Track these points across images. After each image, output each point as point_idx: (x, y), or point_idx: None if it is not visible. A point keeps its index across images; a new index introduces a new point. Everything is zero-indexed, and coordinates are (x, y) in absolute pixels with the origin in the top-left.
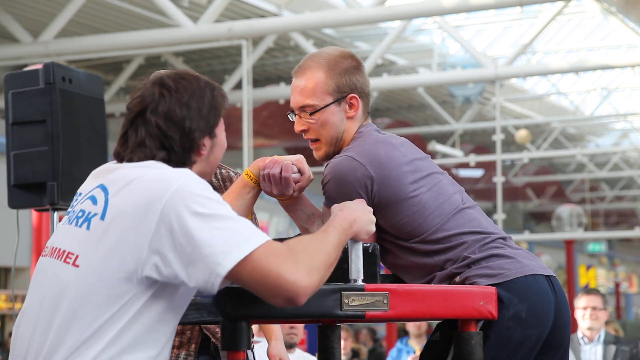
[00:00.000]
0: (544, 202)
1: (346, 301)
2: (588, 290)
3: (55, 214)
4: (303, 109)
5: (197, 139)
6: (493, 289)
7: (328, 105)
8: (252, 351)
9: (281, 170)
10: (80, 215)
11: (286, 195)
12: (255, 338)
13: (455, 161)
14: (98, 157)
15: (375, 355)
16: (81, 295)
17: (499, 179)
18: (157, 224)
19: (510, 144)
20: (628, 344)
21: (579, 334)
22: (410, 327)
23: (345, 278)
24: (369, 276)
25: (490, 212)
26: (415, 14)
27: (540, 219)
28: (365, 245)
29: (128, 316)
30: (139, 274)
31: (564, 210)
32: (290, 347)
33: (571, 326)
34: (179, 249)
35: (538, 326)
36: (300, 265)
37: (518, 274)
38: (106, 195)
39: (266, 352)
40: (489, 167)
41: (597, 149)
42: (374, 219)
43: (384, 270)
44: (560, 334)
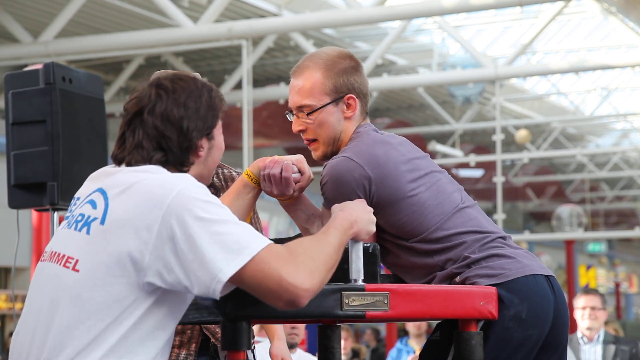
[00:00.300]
0: (544, 202)
1: (346, 301)
2: (587, 290)
3: (55, 214)
4: (300, 109)
5: (195, 139)
6: (493, 289)
7: (325, 105)
8: (253, 351)
9: (281, 171)
10: (79, 219)
11: (286, 196)
12: (258, 338)
13: (455, 161)
14: (98, 157)
15: (378, 355)
16: (81, 300)
17: (499, 179)
18: (159, 230)
19: (510, 144)
20: (627, 344)
21: (579, 334)
22: (410, 327)
23: (346, 278)
24: (369, 276)
25: (490, 212)
26: (415, 14)
27: (540, 219)
28: (365, 245)
29: (130, 322)
30: (141, 279)
31: (564, 210)
32: (291, 347)
33: (570, 326)
34: (181, 254)
35: (538, 326)
36: (301, 268)
37: (518, 274)
38: (105, 199)
39: (268, 352)
40: (489, 167)
41: (597, 149)
42: (375, 218)
43: (384, 270)
44: (559, 334)
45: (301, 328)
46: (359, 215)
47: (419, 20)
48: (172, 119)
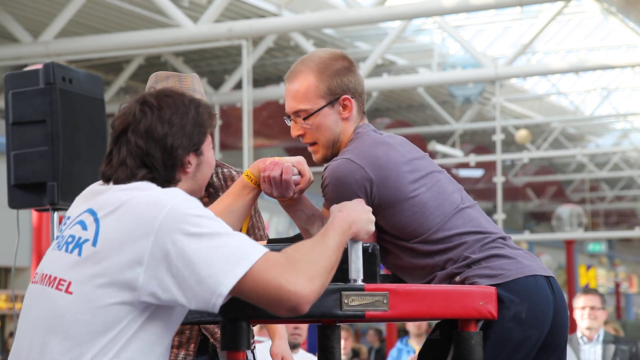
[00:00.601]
0: (544, 202)
1: (346, 301)
2: (586, 290)
3: (55, 214)
4: (297, 114)
5: (181, 157)
6: (493, 289)
7: (321, 108)
8: (253, 352)
9: (281, 173)
10: (69, 240)
11: (286, 197)
12: (259, 338)
13: (455, 161)
14: (98, 157)
15: (381, 355)
16: (77, 323)
17: (499, 179)
18: (152, 250)
19: (510, 144)
20: (627, 344)
21: (578, 334)
22: (410, 327)
23: (345, 278)
24: (369, 276)
25: (490, 212)
26: (415, 14)
27: (540, 219)
28: (365, 245)
29: (124, 339)
30: (136, 299)
31: (564, 210)
32: (294, 348)
33: (569, 326)
34: (175, 272)
35: (538, 327)
36: (300, 274)
37: (518, 274)
38: (96, 219)
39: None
40: (489, 167)
41: (597, 149)
42: (373, 218)
43: (383, 270)
44: (558, 334)
45: (304, 328)
46: (357, 216)
47: (419, 20)
48: (156, 136)
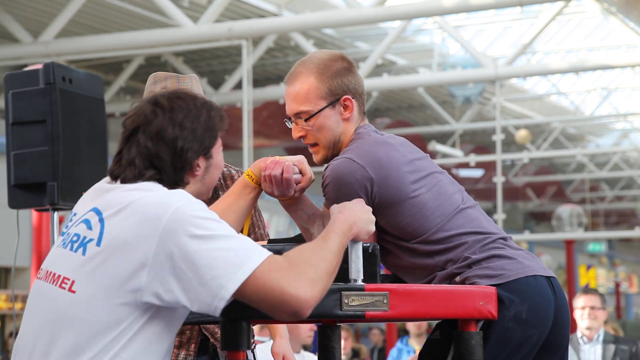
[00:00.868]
0: (544, 202)
1: (346, 301)
2: (586, 290)
3: (55, 214)
4: (298, 115)
5: (190, 160)
6: (493, 289)
7: (322, 109)
8: (253, 351)
9: (282, 172)
10: (75, 239)
11: (287, 196)
12: (261, 338)
13: (455, 161)
14: (98, 157)
15: (384, 354)
16: (79, 322)
17: (499, 179)
18: (156, 250)
19: (510, 144)
20: (627, 343)
21: (578, 334)
22: (411, 327)
23: (345, 278)
24: (369, 276)
25: (490, 212)
26: (415, 14)
27: (540, 219)
28: (365, 245)
29: (125, 339)
30: (138, 299)
31: (564, 210)
32: (305, 349)
33: (570, 327)
34: (179, 274)
35: (538, 327)
36: (302, 279)
37: (519, 274)
38: (101, 219)
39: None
40: (489, 167)
41: (597, 149)
42: (374, 218)
43: (383, 270)
44: (560, 334)
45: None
46: (358, 216)
47: (419, 20)
48: (167, 138)
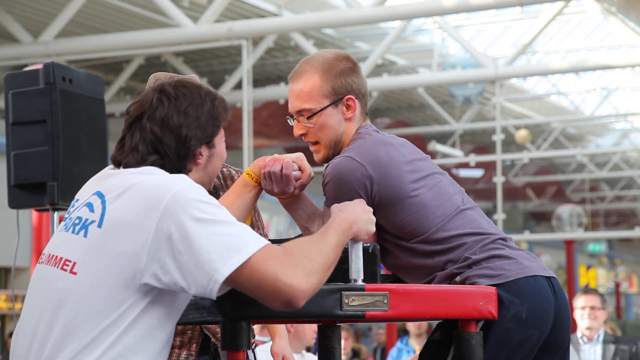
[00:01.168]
0: (544, 202)
1: (346, 301)
2: (586, 290)
3: (55, 214)
4: (300, 113)
5: (193, 147)
6: (493, 289)
7: (325, 108)
8: (253, 351)
9: (282, 168)
10: (77, 222)
11: (287, 194)
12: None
13: (455, 161)
14: (98, 157)
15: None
16: (80, 303)
17: (499, 179)
18: (156, 231)
19: (510, 144)
20: (627, 343)
21: (578, 334)
22: (411, 327)
23: (345, 278)
24: (369, 276)
25: (490, 212)
26: (415, 14)
27: (540, 219)
28: (365, 245)
29: (126, 322)
30: (138, 281)
31: (564, 210)
32: (307, 350)
33: (571, 327)
34: (177, 255)
35: (538, 327)
36: (298, 269)
37: (519, 274)
38: (103, 202)
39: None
40: (489, 167)
41: (597, 149)
42: (374, 218)
43: (383, 270)
44: (560, 334)
45: None
46: (358, 216)
47: (419, 20)
48: (171, 125)
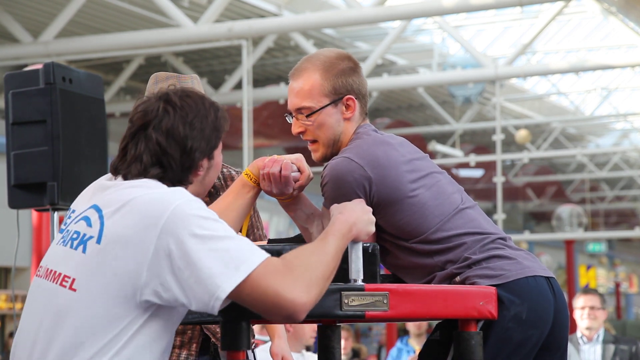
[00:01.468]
0: (544, 202)
1: (346, 301)
2: (586, 290)
3: (55, 214)
4: (299, 111)
5: (197, 160)
6: (493, 289)
7: (324, 107)
8: (253, 351)
9: (281, 169)
10: (75, 237)
11: (286, 195)
12: (261, 337)
13: (455, 161)
14: (98, 157)
15: None
16: (80, 320)
17: (499, 179)
18: (155, 248)
19: (510, 144)
20: (627, 343)
21: (578, 334)
22: (411, 327)
23: (345, 278)
24: (369, 276)
25: (490, 212)
26: (415, 14)
27: (540, 219)
28: (365, 245)
29: (126, 337)
30: (138, 298)
31: (564, 210)
32: (307, 349)
33: (569, 327)
34: (177, 272)
35: (538, 327)
36: (298, 282)
37: (519, 275)
38: (101, 217)
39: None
40: (489, 167)
41: (597, 149)
42: (374, 219)
43: (383, 270)
44: (559, 335)
45: None
46: (358, 217)
47: (419, 20)
48: (177, 136)
